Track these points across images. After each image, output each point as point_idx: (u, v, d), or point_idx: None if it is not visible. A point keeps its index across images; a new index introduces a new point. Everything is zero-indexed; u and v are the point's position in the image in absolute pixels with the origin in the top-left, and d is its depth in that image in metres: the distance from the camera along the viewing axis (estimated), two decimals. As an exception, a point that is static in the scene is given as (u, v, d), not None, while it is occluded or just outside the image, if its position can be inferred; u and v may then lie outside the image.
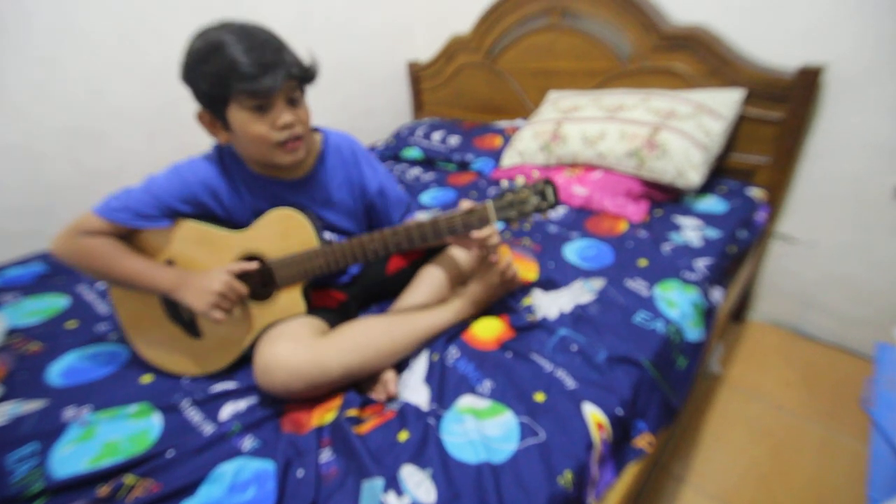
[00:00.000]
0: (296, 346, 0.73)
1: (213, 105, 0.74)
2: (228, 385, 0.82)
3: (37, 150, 1.41)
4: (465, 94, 2.12)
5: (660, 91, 1.42)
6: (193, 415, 0.76)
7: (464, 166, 1.77)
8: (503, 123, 1.88)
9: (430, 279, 0.97)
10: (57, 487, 0.63)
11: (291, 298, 0.84)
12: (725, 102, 1.33)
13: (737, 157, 1.44)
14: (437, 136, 1.90)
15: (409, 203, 1.01)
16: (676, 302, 0.96)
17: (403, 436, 0.70)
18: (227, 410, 0.76)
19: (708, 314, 1.01)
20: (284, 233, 0.82)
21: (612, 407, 0.74)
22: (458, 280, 1.00)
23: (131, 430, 0.72)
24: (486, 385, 0.78)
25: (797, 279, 1.52)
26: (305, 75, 0.75)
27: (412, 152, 1.90)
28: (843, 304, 1.45)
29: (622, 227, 1.25)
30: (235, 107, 0.72)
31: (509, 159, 1.62)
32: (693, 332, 0.94)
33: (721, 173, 1.45)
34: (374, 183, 0.95)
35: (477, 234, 0.83)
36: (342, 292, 0.98)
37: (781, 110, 1.32)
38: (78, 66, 1.43)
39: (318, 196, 0.90)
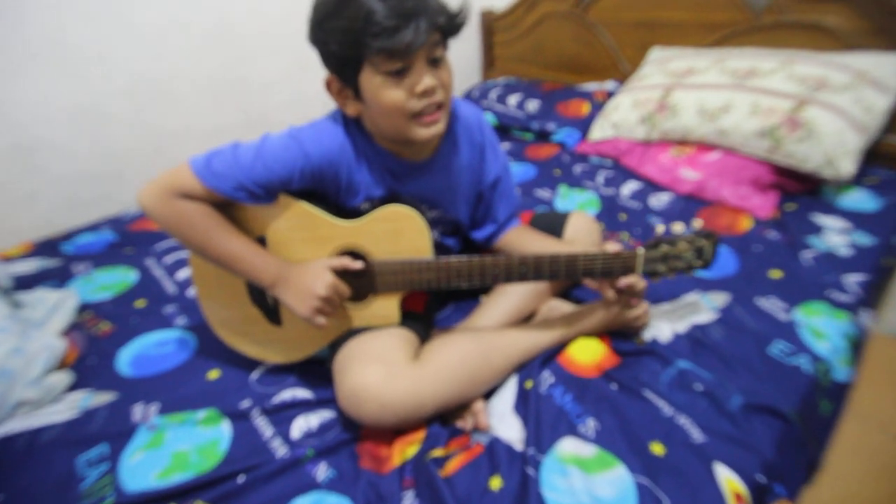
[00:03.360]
0: (390, 375, 0.63)
1: (344, 69, 0.62)
2: (298, 392, 0.75)
3: (104, 112, 1.37)
4: (545, 48, 1.87)
5: (806, 53, 1.14)
6: (263, 427, 0.69)
7: (544, 136, 1.57)
8: (591, 86, 1.64)
9: (521, 285, 0.84)
10: (128, 503, 0.59)
11: (387, 307, 0.73)
12: (895, 70, 1.05)
13: (893, 139, 1.16)
14: (513, 99, 1.69)
15: (519, 205, 0.88)
16: (825, 332, 0.78)
17: (496, 483, 0.60)
18: (299, 426, 0.69)
19: (858, 346, 0.82)
20: (396, 233, 0.70)
21: (752, 471, 0.60)
22: (554, 290, 0.87)
23: (200, 439, 0.67)
24: (590, 425, 0.66)
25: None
26: (452, 26, 0.61)
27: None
28: None
29: (745, 224, 1.04)
30: (369, 70, 0.60)
31: (600, 132, 1.41)
32: (842, 371, 0.77)
33: (870, 159, 1.18)
34: (493, 172, 0.82)
35: (624, 281, 0.70)
36: (425, 292, 0.87)
37: (973, 81, 1.03)
38: (139, 21, 1.34)
39: (442, 180, 0.77)
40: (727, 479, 0.59)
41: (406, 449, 0.65)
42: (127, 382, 0.78)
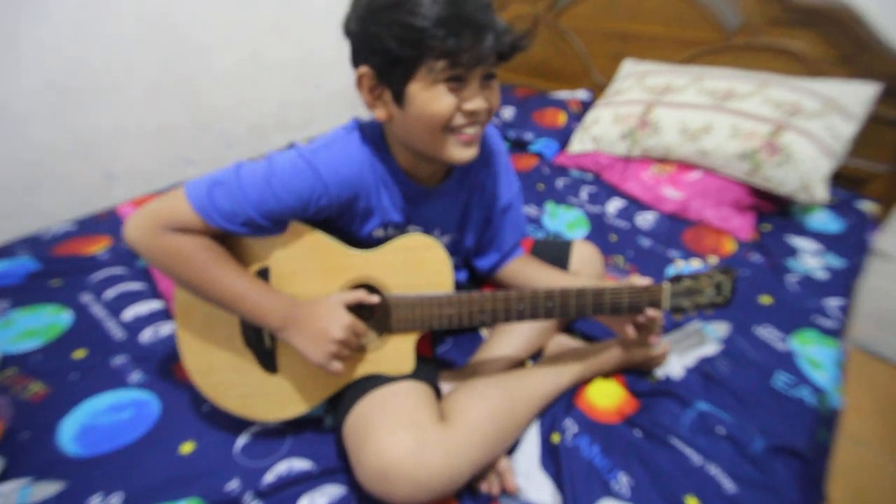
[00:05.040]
0: (421, 445, 0.56)
1: (394, 68, 0.54)
2: (295, 464, 0.65)
3: (17, 110, 1.13)
4: (514, 52, 1.82)
5: (778, 77, 1.19)
6: (261, 515, 0.59)
7: (521, 146, 1.53)
8: (563, 94, 1.62)
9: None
10: None
11: (401, 351, 0.66)
12: (859, 99, 1.11)
13: (849, 161, 1.24)
14: (487, 105, 1.63)
15: (524, 234, 0.82)
16: (821, 362, 0.81)
17: (538, 561, 0.55)
18: (304, 509, 0.60)
19: (844, 370, 0.87)
20: (415, 265, 0.64)
21: (783, 519, 0.61)
22: (561, 325, 0.84)
23: (183, 539, 0.56)
24: (623, 480, 0.63)
25: (879, 297, 1.38)
26: (515, 47, 0.55)
27: (457, 123, 1.64)
28: (933, 331, 1.33)
29: (730, 246, 1.07)
30: (424, 74, 0.54)
31: (580, 145, 1.39)
32: (836, 399, 0.80)
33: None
34: (505, 197, 0.77)
35: (651, 313, 0.67)
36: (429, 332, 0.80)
37: (919, 112, 1.12)
38: (65, 3, 1.12)
39: (455, 206, 0.73)
40: (763, 531, 0.59)
41: (437, 531, 0.58)
42: (75, 465, 0.64)
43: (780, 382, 0.77)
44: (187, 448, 0.67)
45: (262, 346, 0.66)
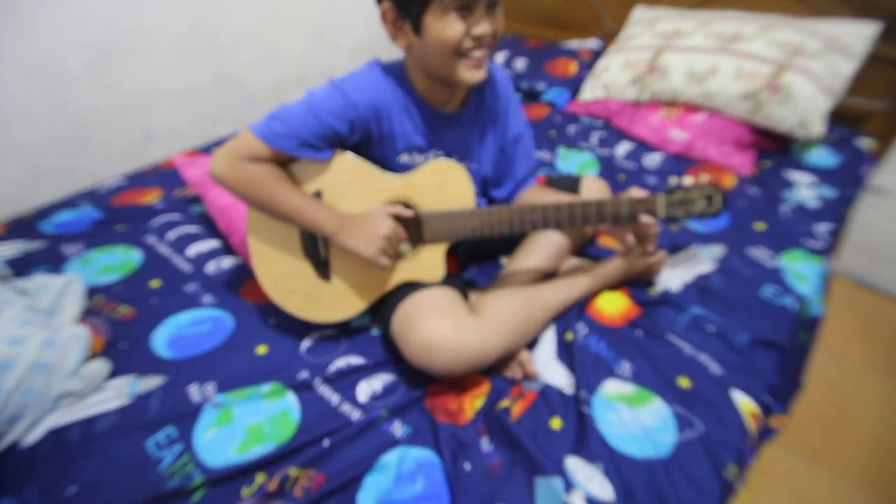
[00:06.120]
0: (458, 327, 0.69)
1: (410, 2, 0.64)
2: (351, 360, 0.78)
3: (64, 71, 1.22)
4: (525, 1, 1.84)
5: (783, 19, 1.23)
6: (329, 394, 0.73)
7: (534, 96, 1.59)
8: (574, 44, 1.66)
9: (547, 243, 0.91)
10: (217, 478, 0.62)
11: (433, 260, 0.78)
12: (860, 38, 1.16)
13: (849, 100, 1.30)
14: (499, 57, 1.68)
15: (536, 166, 0.91)
16: (805, 275, 0.91)
17: (556, 423, 0.68)
18: (363, 390, 0.73)
19: (828, 285, 0.97)
20: (441, 185, 0.76)
21: (760, 394, 0.73)
22: (573, 249, 0.94)
23: (270, 412, 0.70)
24: (626, 367, 0.76)
25: (873, 232, 1.46)
26: None
27: (470, 76, 1.70)
28: (922, 262, 1.42)
29: (730, 181, 1.15)
30: (436, 6, 0.63)
31: (591, 92, 1.45)
32: (817, 307, 0.91)
33: (828, 119, 1.32)
34: (515, 128, 0.87)
35: (645, 219, 0.76)
36: (453, 254, 0.91)
37: (919, 48, 1.16)
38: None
39: (472, 134, 0.83)
40: (742, 402, 0.71)
41: (474, 402, 0.71)
42: (171, 365, 0.77)
43: (768, 293, 0.88)
44: (262, 350, 0.80)
45: (318, 256, 0.78)
